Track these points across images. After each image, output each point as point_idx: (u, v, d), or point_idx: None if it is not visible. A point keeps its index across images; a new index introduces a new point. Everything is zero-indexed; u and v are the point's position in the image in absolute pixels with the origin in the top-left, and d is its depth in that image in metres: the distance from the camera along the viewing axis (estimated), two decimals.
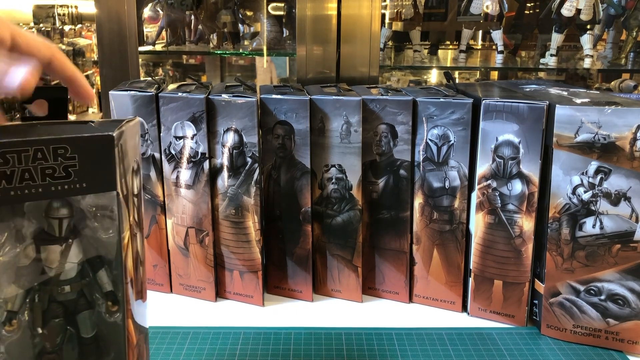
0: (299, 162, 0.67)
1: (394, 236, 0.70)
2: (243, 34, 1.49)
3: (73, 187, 0.35)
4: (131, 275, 0.40)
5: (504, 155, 0.61)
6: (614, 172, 0.57)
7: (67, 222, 0.37)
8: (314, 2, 0.96)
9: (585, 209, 0.59)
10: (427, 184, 0.66)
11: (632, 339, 0.59)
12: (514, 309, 0.65)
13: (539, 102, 0.59)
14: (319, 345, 0.61)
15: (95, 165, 0.35)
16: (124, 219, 0.38)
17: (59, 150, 0.34)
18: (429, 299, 0.70)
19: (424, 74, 2.05)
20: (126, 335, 0.39)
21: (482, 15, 1.45)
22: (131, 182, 0.40)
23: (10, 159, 0.33)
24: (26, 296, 0.37)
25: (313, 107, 0.66)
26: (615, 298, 0.59)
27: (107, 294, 0.39)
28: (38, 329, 0.37)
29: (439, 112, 0.64)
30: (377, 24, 0.96)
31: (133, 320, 0.41)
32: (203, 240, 0.69)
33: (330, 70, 0.98)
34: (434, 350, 0.60)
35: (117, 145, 0.36)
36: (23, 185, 0.33)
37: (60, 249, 0.37)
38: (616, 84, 1.50)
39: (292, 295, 0.72)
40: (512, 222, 0.63)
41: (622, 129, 0.56)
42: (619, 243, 0.58)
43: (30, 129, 0.36)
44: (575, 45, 1.56)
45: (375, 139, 0.67)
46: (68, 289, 0.38)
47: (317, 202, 0.69)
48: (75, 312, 0.38)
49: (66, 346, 0.38)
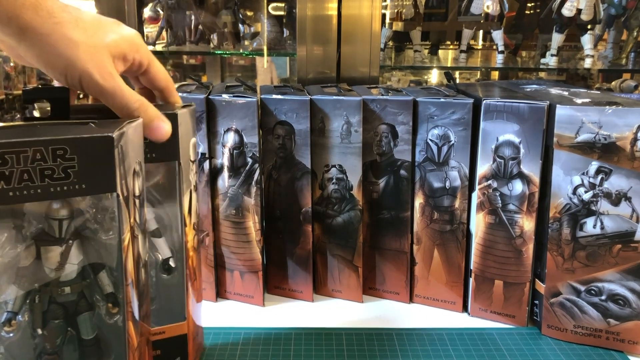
0: (300, 162, 0.67)
1: (395, 236, 0.69)
2: (243, 34, 1.48)
3: (72, 189, 0.35)
4: (132, 277, 0.40)
5: (505, 155, 0.61)
6: (615, 172, 0.57)
7: (67, 223, 0.37)
8: (314, 2, 0.95)
9: (585, 209, 0.59)
10: (428, 184, 0.66)
11: (632, 339, 0.59)
12: (514, 309, 0.65)
13: (539, 102, 0.59)
14: (319, 346, 0.61)
15: (95, 167, 0.35)
16: (124, 221, 0.37)
17: (58, 151, 0.34)
18: (429, 299, 0.70)
19: (424, 74, 2.05)
20: (127, 337, 0.39)
21: (483, 15, 1.45)
22: (132, 183, 0.40)
23: (9, 159, 0.33)
24: (26, 297, 0.37)
25: (313, 107, 0.66)
26: (616, 298, 0.59)
27: (107, 295, 0.38)
28: (38, 329, 0.37)
29: (440, 112, 0.64)
30: (377, 24, 0.96)
31: (134, 322, 0.41)
32: (203, 240, 0.69)
33: (330, 70, 0.98)
34: (435, 350, 0.60)
35: (117, 146, 0.36)
36: (22, 186, 0.33)
37: (60, 250, 0.37)
38: (617, 84, 1.50)
39: (293, 296, 0.72)
40: (513, 222, 0.63)
41: (623, 129, 0.56)
42: (619, 243, 0.58)
43: (30, 130, 0.36)
44: (575, 45, 1.56)
45: (376, 139, 0.67)
46: (68, 290, 0.38)
47: (318, 202, 0.69)
48: (76, 314, 0.38)
49: (66, 347, 0.38)
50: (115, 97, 0.42)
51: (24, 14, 0.39)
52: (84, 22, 0.42)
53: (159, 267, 0.50)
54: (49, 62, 0.41)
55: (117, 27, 0.45)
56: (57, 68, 0.41)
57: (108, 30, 0.43)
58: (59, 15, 0.40)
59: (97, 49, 0.42)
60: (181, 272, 0.50)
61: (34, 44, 0.40)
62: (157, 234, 0.49)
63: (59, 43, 0.40)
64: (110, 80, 0.42)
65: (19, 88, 3.00)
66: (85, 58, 0.41)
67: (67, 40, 0.40)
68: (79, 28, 0.41)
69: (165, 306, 0.51)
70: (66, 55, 0.40)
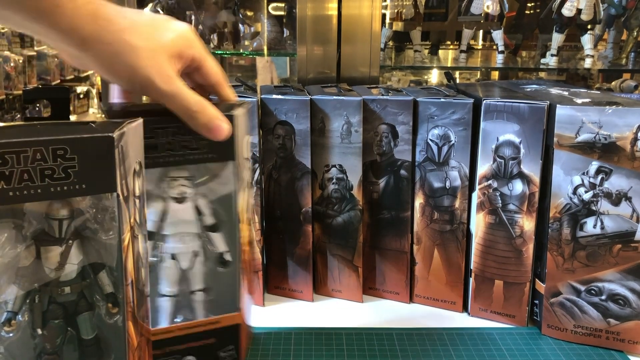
0: (300, 162, 0.67)
1: (395, 236, 0.69)
2: (243, 34, 1.48)
3: (72, 189, 0.35)
4: (132, 277, 0.40)
5: (505, 155, 0.61)
6: (615, 172, 0.57)
7: (67, 223, 0.37)
8: (314, 2, 0.95)
9: (586, 209, 0.59)
10: (428, 184, 0.66)
11: (632, 339, 0.59)
12: (514, 309, 0.65)
13: (539, 102, 0.59)
14: (319, 346, 0.61)
15: (95, 167, 0.35)
16: (124, 221, 0.37)
17: (58, 151, 0.34)
18: (429, 299, 0.70)
19: (424, 74, 2.05)
20: (126, 337, 0.39)
21: (483, 15, 1.45)
22: (132, 183, 0.40)
23: (9, 159, 0.33)
24: (26, 297, 0.37)
25: (313, 107, 0.66)
26: (616, 298, 0.59)
27: (107, 295, 0.38)
28: (38, 329, 0.37)
29: (440, 112, 0.64)
30: (377, 24, 0.96)
31: (134, 322, 0.41)
32: None
33: (330, 70, 0.98)
34: (435, 350, 0.60)
35: (118, 146, 0.36)
36: (22, 186, 0.33)
37: (60, 250, 0.37)
38: (617, 84, 1.50)
39: (293, 296, 0.72)
40: (513, 222, 0.63)
41: (623, 129, 0.56)
42: (619, 243, 0.58)
43: (30, 130, 0.36)
44: (576, 45, 1.56)
45: (376, 139, 0.67)
46: (68, 290, 0.38)
47: (318, 202, 0.69)
48: (76, 314, 0.38)
49: (66, 347, 0.38)
50: (176, 100, 0.43)
51: (84, 24, 0.39)
52: (141, 25, 0.42)
53: (215, 261, 0.52)
54: (112, 70, 0.42)
55: (171, 24, 0.45)
56: (121, 76, 0.42)
57: (163, 29, 0.44)
58: (118, 22, 0.41)
59: (156, 52, 0.42)
60: (235, 265, 0.52)
61: (97, 54, 0.40)
62: (214, 229, 0.51)
63: (120, 51, 0.41)
64: (171, 83, 0.43)
65: (19, 88, 3.01)
66: (146, 64, 0.41)
67: (128, 48, 0.41)
68: (137, 32, 0.41)
69: (220, 297, 0.53)
70: (128, 63, 0.41)
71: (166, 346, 0.52)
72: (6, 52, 2.96)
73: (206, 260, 0.52)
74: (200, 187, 0.50)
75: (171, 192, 0.49)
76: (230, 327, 0.54)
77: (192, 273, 0.52)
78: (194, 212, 0.50)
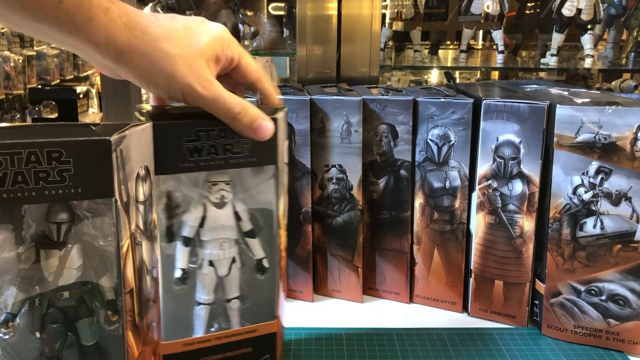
0: (299, 162, 0.67)
1: (395, 236, 0.69)
2: (243, 34, 1.48)
3: (68, 192, 0.34)
4: (131, 286, 0.39)
5: (505, 155, 0.61)
6: (615, 172, 0.57)
7: (66, 227, 0.36)
8: (314, 2, 0.95)
9: (585, 209, 0.59)
10: (428, 184, 0.66)
11: (632, 339, 0.59)
12: (514, 309, 0.65)
13: (539, 102, 0.59)
14: (319, 346, 0.61)
15: (92, 171, 0.34)
16: (122, 227, 0.37)
17: (53, 153, 0.33)
18: (429, 299, 0.70)
19: (424, 74, 2.05)
20: (125, 347, 0.39)
21: (483, 15, 1.45)
22: (134, 188, 0.39)
23: (3, 161, 0.32)
24: (26, 299, 0.36)
25: (313, 107, 0.66)
26: (616, 298, 0.59)
27: (108, 302, 0.38)
28: (36, 333, 0.37)
29: (440, 112, 0.64)
30: (377, 24, 0.96)
31: (134, 332, 0.40)
32: None
33: (330, 70, 0.98)
34: (435, 350, 0.60)
35: (116, 150, 0.35)
36: (16, 189, 0.33)
37: (59, 254, 0.36)
38: (617, 84, 1.50)
39: (293, 296, 0.72)
40: (513, 222, 0.63)
41: (623, 129, 0.56)
42: (619, 243, 0.58)
43: (27, 131, 0.36)
44: (575, 45, 1.56)
45: (376, 139, 0.67)
46: (67, 295, 0.37)
47: (318, 202, 0.69)
48: (75, 319, 0.38)
49: (67, 352, 0.38)
50: (217, 104, 0.43)
51: (120, 36, 0.38)
52: (176, 32, 0.42)
53: (253, 267, 0.50)
54: (150, 80, 0.41)
55: (206, 27, 0.44)
56: (160, 85, 0.42)
57: (198, 33, 0.43)
58: (153, 31, 0.40)
59: (193, 58, 0.42)
60: (273, 272, 0.51)
61: (135, 65, 0.40)
62: (251, 235, 0.50)
63: (158, 61, 0.40)
64: (211, 88, 0.42)
65: (19, 88, 3.00)
66: (184, 71, 0.41)
67: (165, 56, 0.40)
68: (173, 40, 0.41)
69: (256, 305, 0.51)
70: (166, 72, 0.41)
71: (201, 356, 0.50)
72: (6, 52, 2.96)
73: (243, 267, 0.50)
74: (240, 192, 0.48)
75: (211, 196, 0.47)
76: (267, 336, 0.52)
77: (229, 280, 0.50)
78: (233, 217, 0.48)
